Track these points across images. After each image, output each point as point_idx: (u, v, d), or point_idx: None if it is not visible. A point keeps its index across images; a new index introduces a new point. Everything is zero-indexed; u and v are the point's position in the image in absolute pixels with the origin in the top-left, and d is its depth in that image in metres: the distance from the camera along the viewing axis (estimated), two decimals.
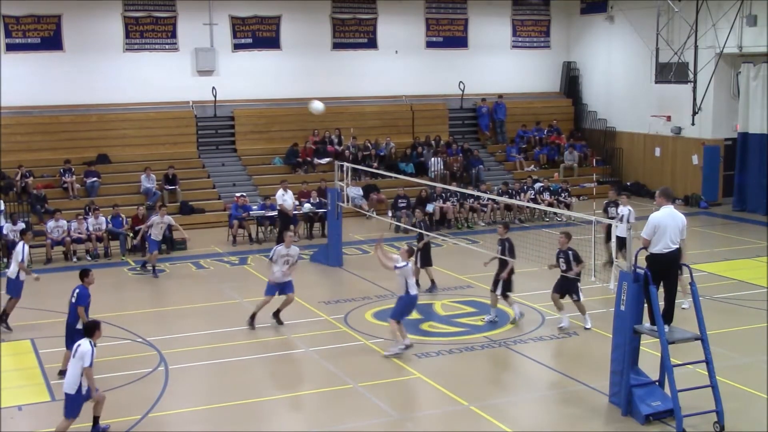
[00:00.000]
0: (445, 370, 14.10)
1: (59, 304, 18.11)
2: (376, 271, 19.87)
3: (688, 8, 27.83)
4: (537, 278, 19.02)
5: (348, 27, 31.57)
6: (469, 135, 32.98)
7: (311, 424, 12.14)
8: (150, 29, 28.98)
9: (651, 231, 11.83)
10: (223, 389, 13.34)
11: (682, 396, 11.41)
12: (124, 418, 12.09)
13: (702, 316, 12.01)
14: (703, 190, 29.54)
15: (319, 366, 14.15)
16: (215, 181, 28.42)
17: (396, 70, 32.13)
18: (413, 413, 12.46)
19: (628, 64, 32.22)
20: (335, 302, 17.89)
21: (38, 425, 12.08)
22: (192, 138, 29.46)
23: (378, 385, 13.33)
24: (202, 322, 16.72)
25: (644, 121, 31.53)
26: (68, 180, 26.11)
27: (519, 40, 34.42)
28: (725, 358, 13.96)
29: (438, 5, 32.88)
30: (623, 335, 12.04)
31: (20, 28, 27.40)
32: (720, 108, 29.09)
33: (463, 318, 16.70)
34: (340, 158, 26.89)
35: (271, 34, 30.51)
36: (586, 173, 31.92)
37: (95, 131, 28.24)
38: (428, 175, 29.04)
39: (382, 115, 31.78)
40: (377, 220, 25.38)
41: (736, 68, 28.69)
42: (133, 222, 23.26)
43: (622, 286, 11.93)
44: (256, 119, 30.26)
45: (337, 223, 21.30)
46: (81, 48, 28.03)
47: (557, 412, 12.48)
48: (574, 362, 14.28)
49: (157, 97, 29.09)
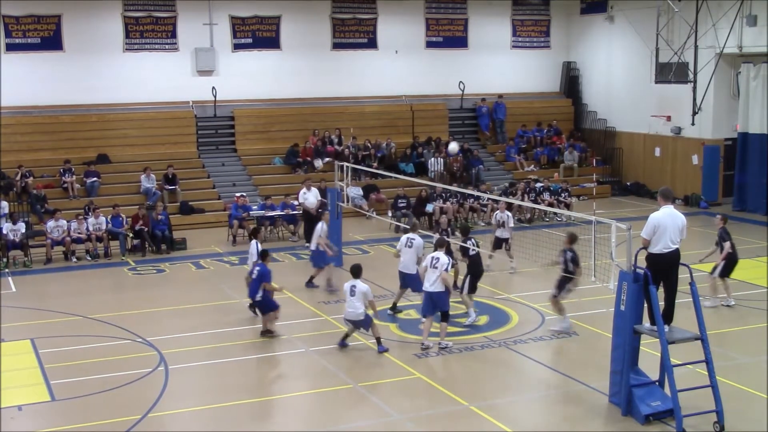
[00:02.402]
0: (445, 370, 14.11)
1: (59, 304, 18.19)
2: (376, 271, 19.91)
3: (688, 8, 27.84)
4: (537, 278, 19.06)
5: (348, 27, 31.58)
6: (469, 135, 32.98)
7: (311, 423, 12.14)
8: (150, 29, 28.99)
9: (651, 231, 11.82)
10: (223, 389, 13.33)
11: (682, 396, 11.41)
12: (124, 418, 12.09)
13: (702, 316, 12.01)
14: (703, 190, 29.54)
15: (319, 366, 14.14)
16: (215, 181, 28.43)
17: (396, 70, 32.14)
18: (413, 413, 12.45)
19: (628, 64, 32.22)
20: (335, 302, 17.88)
21: (38, 425, 12.07)
22: (192, 138, 29.47)
23: (378, 385, 13.33)
24: (202, 322, 16.71)
25: (644, 121, 31.53)
26: (68, 180, 26.12)
27: (519, 40, 34.42)
28: (725, 358, 13.96)
29: (438, 5, 32.88)
30: (623, 335, 12.03)
31: (20, 28, 27.41)
32: (720, 108, 29.10)
33: (463, 318, 16.68)
34: (340, 158, 26.90)
35: (271, 34, 30.51)
36: (586, 173, 31.92)
37: (95, 131, 28.25)
38: (428, 176, 29.04)
39: (382, 115, 31.78)
40: (377, 220, 25.38)
41: (736, 68, 28.70)
42: (133, 222, 23.27)
43: (622, 286, 11.93)
44: (256, 119, 30.27)
45: (337, 223, 21.29)
46: (81, 48, 28.04)
47: (557, 412, 12.48)
48: (574, 362, 14.27)
49: (157, 97, 29.11)
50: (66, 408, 12.65)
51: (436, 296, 14.69)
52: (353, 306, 14.54)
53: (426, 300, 14.85)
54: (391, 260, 21.22)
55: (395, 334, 15.85)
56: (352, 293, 14.51)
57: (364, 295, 14.46)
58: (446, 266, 14.69)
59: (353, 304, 14.54)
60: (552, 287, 15.79)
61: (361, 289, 14.46)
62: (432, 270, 14.63)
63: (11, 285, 20.02)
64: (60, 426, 12.04)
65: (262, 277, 15.40)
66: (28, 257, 21.93)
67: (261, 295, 15.41)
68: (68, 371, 14.02)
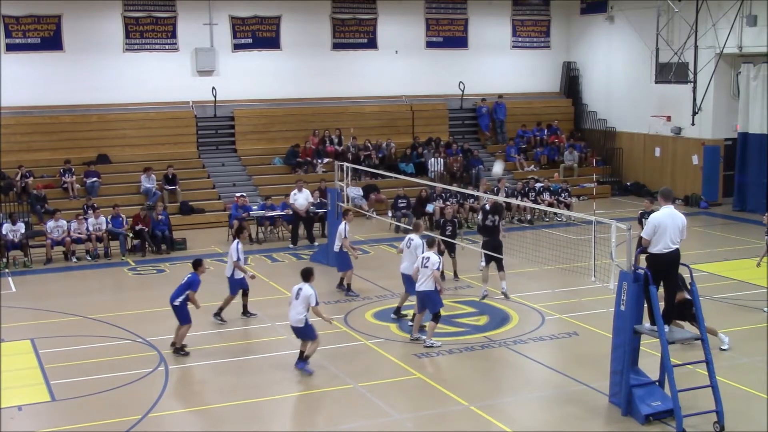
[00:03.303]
0: (445, 370, 14.10)
1: (59, 304, 18.19)
2: (376, 271, 19.93)
3: (688, 8, 27.84)
4: (537, 278, 19.06)
5: (348, 27, 31.58)
6: (469, 135, 32.98)
7: (311, 424, 12.14)
8: (150, 29, 28.99)
9: (651, 231, 11.82)
10: (223, 389, 13.34)
11: (682, 396, 11.41)
12: (124, 418, 12.09)
13: (702, 316, 12.01)
14: (703, 190, 29.54)
15: (319, 366, 14.13)
16: (215, 181, 28.43)
17: (396, 70, 32.14)
18: (413, 413, 12.45)
19: (628, 64, 32.22)
20: (335, 302, 17.87)
21: (38, 425, 12.07)
22: (192, 138, 29.47)
23: (378, 385, 13.33)
24: (202, 322, 16.70)
25: (644, 121, 31.53)
26: (68, 180, 26.12)
27: (519, 40, 34.42)
28: (725, 358, 13.96)
29: (438, 5, 32.88)
30: (623, 335, 12.03)
31: (20, 28, 27.40)
32: (720, 108, 29.09)
33: (463, 318, 16.69)
34: (340, 158, 26.89)
35: (271, 34, 30.51)
36: (586, 173, 31.91)
37: (95, 131, 28.24)
38: (428, 176, 29.04)
39: (382, 115, 31.78)
40: (377, 220, 25.37)
41: (736, 68, 28.69)
42: (133, 222, 23.27)
43: (622, 286, 11.93)
44: (256, 119, 30.26)
45: (337, 223, 21.27)
46: (81, 48, 28.03)
47: (557, 412, 12.47)
48: (574, 362, 14.27)
49: (157, 97, 29.10)
50: (66, 408, 12.66)
51: (424, 295, 14.79)
52: (296, 311, 13.50)
53: (417, 298, 15.04)
54: (391, 260, 21.25)
55: (395, 334, 15.85)
56: (296, 296, 13.53)
57: (306, 300, 13.43)
58: (437, 265, 14.79)
59: (296, 308, 13.50)
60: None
61: (305, 293, 13.44)
62: (423, 270, 14.75)
63: (11, 285, 20.02)
64: (60, 426, 12.04)
65: (190, 285, 14.60)
66: (28, 257, 21.93)
67: (180, 301, 14.57)
68: (68, 371, 14.02)
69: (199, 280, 14.86)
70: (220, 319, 16.51)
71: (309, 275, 13.63)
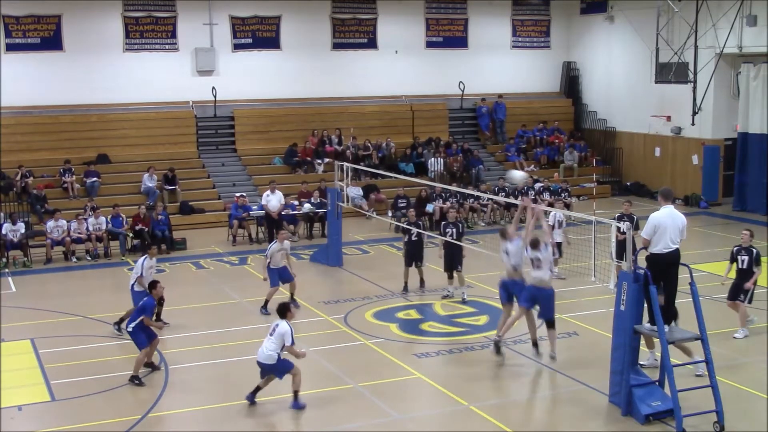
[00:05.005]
0: (445, 370, 14.10)
1: (59, 304, 18.18)
2: (376, 271, 19.92)
3: (688, 8, 27.83)
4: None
5: (348, 27, 31.57)
6: (469, 135, 32.98)
7: (311, 424, 12.14)
8: (150, 29, 28.98)
9: (651, 231, 11.83)
10: (223, 389, 13.34)
11: (682, 396, 11.41)
12: (124, 418, 12.09)
13: (702, 316, 12.00)
14: (703, 190, 29.53)
15: (319, 366, 14.14)
16: (215, 181, 28.43)
17: (396, 70, 32.13)
18: (413, 413, 12.45)
19: (628, 64, 32.21)
20: (335, 302, 17.88)
21: (38, 425, 12.07)
22: (192, 138, 29.46)
23: (378, 385, 13.33)
24: (201, 322, 16.72)
25: (644, 121, 31.52)
26: (68, 180, 26.12)
27: (519, 40, 34.42)
28: (725, 358, 13.95)
29: (438, 5, 32.88)
30: (623, 335, 12.03)
31: (20, 28, 27.40)
32: (720, 108, 29.09)
33: (463, 318, 16.69)
34: (340, 158, 26.89)
35: (271, 34, 30.50)
36: (586, 173, 31.88)
37: (95, 131, 28.23)
38: (428, 176, 29.03)
39: (382, 115, 31.78)
40: (377, 220, 25.37)
41: (736, 68, 28.69)
42: (133, 222, 23.27)
43: (622, 286, 11.93)
44: (256, 119, 30.26)
45: (337, 223, 21.31)
46: (81, 48, 28.03)
47: (557, 412, 12.48)
48: (574, 362, 14.26)
49: (157, 97, 29.09)
50: (66, 408, 12.65)
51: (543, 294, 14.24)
52: (267, 346, 12.36)
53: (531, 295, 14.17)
54: (391, 260, 21.26)
55: (395, 334, 15.85)
56: (272, 333, 12.41)
57: (281, 338, 12.27)
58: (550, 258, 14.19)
59: (268, 345, 12.36)
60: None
61: (280, 331, 12.27)
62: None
63: (11, 285, 20.01)
64: (60, 426, 12.04)
65: (143, 309, 13.66)
66: (28, 257, 21.92)
67: (134, 327, 13.55)
68: (68, 371, 14.02)
69: (153, 303, 14.19)
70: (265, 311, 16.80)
71: (285, 311, 12.56)
